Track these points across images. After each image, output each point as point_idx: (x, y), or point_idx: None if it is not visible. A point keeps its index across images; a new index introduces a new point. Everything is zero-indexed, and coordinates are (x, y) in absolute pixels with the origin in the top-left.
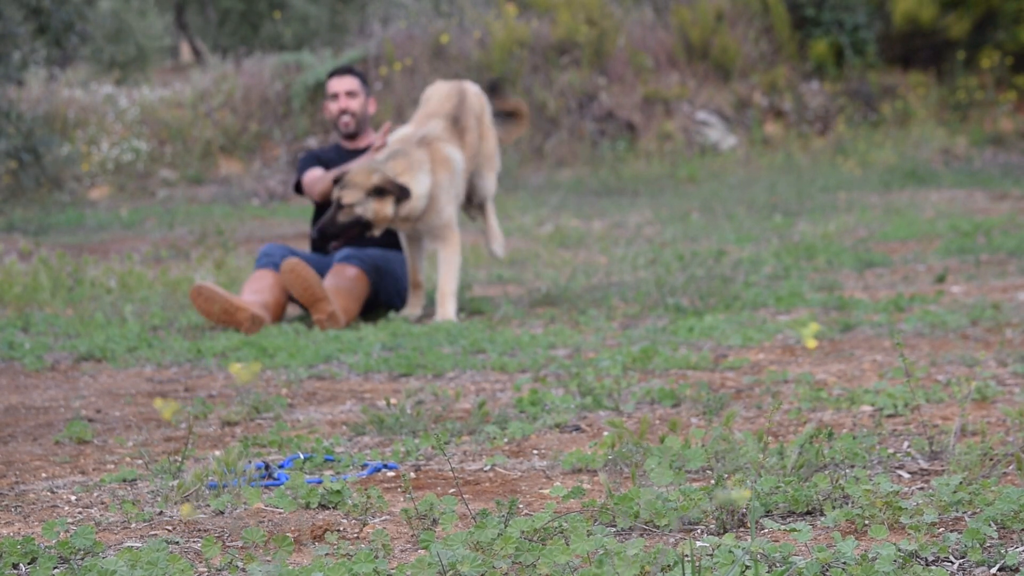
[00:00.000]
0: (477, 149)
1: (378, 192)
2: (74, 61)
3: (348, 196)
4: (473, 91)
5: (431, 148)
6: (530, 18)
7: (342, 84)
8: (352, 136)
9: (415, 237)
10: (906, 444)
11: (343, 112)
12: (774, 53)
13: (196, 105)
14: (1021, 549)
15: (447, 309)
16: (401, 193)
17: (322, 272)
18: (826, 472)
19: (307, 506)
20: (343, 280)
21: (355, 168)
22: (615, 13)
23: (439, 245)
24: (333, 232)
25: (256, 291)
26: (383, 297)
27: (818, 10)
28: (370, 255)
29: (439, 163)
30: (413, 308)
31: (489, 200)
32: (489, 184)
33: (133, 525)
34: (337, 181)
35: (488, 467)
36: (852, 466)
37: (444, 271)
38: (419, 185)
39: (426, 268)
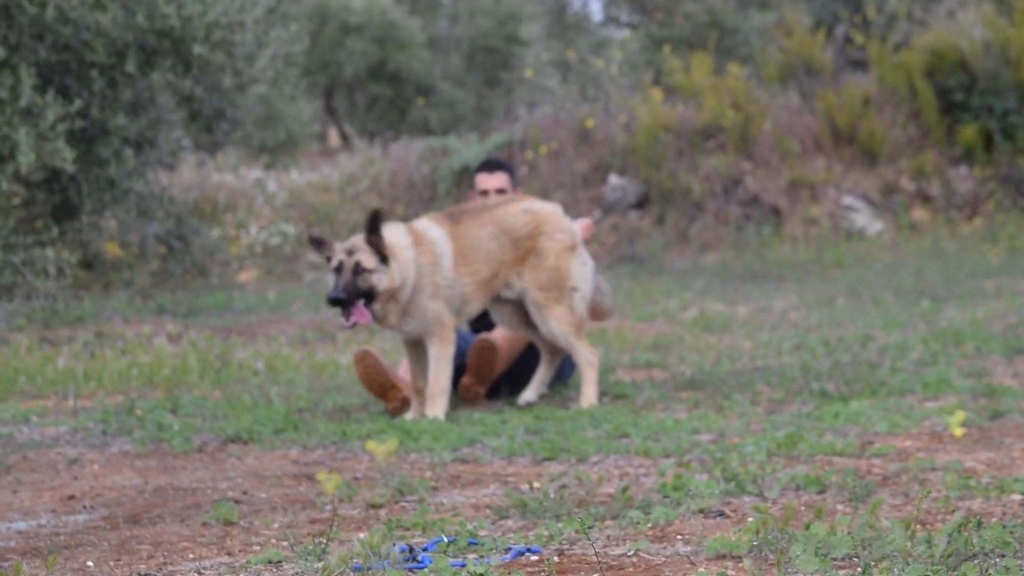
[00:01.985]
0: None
1: None
2: (224, 146)
3: None
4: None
5: None
6: (676, 103)
7: (492, 181)
8: None
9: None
10: None
11: None
12: (922, 138)
13: (343, 189)
14: None
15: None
16: None
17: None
18: (975, 561)
19: None
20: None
21: None
22: (761, 98)
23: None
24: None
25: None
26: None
27: (967, 95)
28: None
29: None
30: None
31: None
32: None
33: None
34: None
35: (632, 552)
36: (1002, 555)
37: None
38: None
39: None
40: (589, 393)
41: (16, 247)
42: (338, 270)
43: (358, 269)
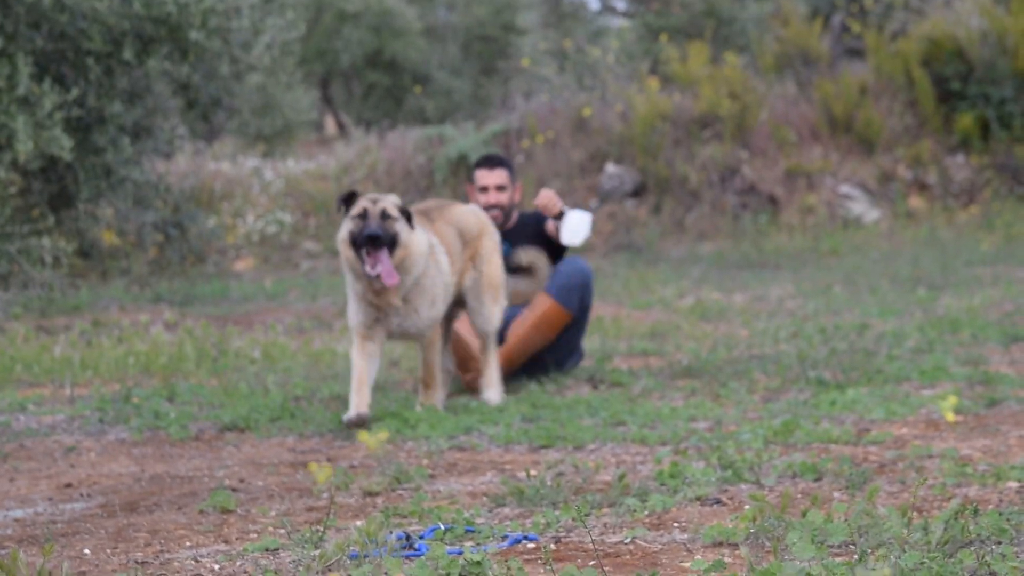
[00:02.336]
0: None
1: None
2: (221, 135)
3: None
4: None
5: None
6: (672, 92)
7: (492, 178)
8: (499, 228)
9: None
10: None
11: (492, 207)
12: (919, 126)
13: (340, 178)
14: None
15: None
16: None
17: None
18: (972, 548)
19: None
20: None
21: None
22: (758, 87)
23: None
24: None
25: None
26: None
27: (964, 84)
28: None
29: None
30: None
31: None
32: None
33: None
34: None
35: (628, 539)
36: (999, 542)
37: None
38: None
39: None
40: (494, 391)
41: (12, 236)
42: (363, 216)
43: (384, 215)
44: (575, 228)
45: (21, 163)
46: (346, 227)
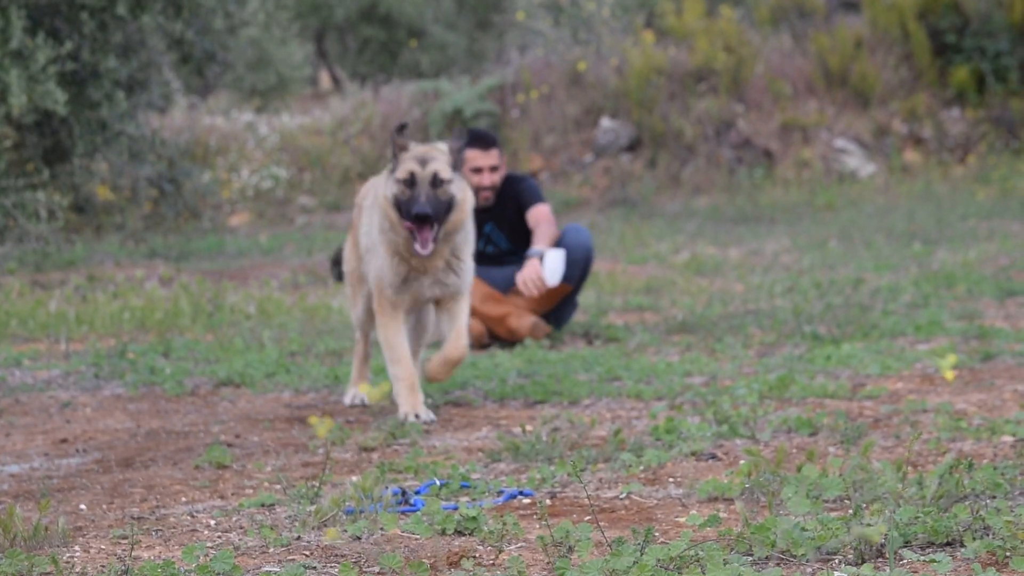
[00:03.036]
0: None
1: None
2: (215, 90)
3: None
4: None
5: None
6: (667, 45)
7: (487, 159)
8: (486, 207)
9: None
10: None
11: (485, 187)
12: (914, 80)
13: (335, 132)
14: None
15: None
16: None
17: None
18: (966, 503)
19: (443, 532)
20: None
21: None
22: (753, 40)
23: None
24: None
25: None
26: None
27: (959, 36)
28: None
29: None
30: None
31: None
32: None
33: (271, 550)
34: None
35: (624, 495)
36: (993, 496)
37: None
38: None
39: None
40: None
41: (7, 190)
42: (410, 182)
43: (436, 180)
44: (554, 268)
45: (15, 117)
46: (390, 188)
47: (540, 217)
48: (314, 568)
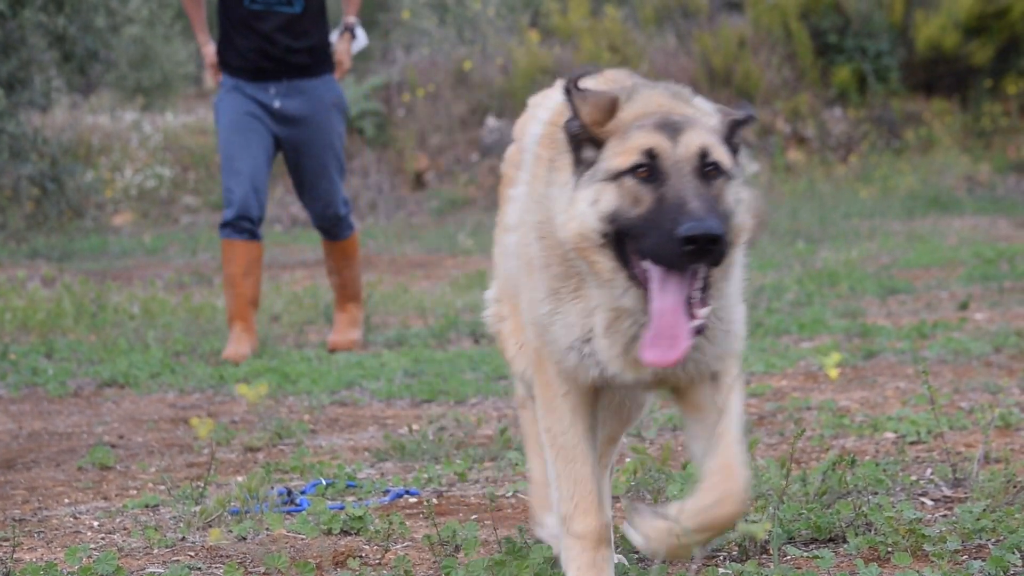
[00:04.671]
0: None
1: None
2: (98, 88)
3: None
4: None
5: None
6: (553, 45)
7: None
8: None
9: None
10: (929, 471)
11: None
12: (797, 80)
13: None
14: None
15: None
16: None
17: None
18: (849, 499)
19: (329, 532)
20: None
21: None
22: (637, 40)
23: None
24: None
25: None
26: None
27: (841, 37)
28: None
29: None
30: None
31: None
32: None
33: (155, 551)
34: None
35: (510, 493)
36: (875, 493)
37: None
38: None
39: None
40: None
41: None
42: (651, 172)
43: (705, 159)
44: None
45: None
46: (588, 203)
47: None
48: (199, 569)
